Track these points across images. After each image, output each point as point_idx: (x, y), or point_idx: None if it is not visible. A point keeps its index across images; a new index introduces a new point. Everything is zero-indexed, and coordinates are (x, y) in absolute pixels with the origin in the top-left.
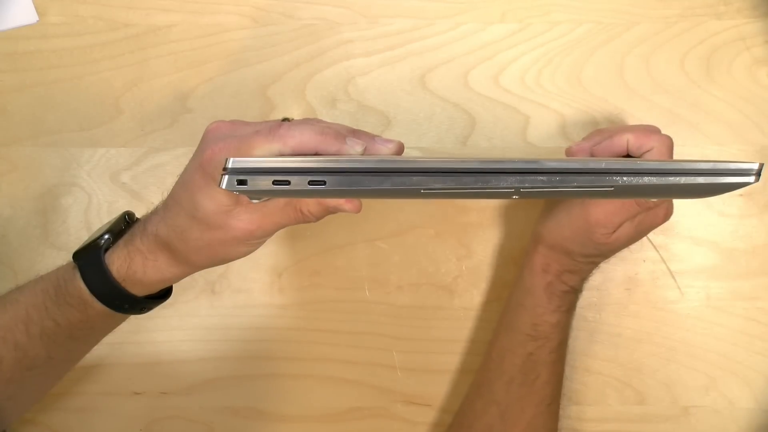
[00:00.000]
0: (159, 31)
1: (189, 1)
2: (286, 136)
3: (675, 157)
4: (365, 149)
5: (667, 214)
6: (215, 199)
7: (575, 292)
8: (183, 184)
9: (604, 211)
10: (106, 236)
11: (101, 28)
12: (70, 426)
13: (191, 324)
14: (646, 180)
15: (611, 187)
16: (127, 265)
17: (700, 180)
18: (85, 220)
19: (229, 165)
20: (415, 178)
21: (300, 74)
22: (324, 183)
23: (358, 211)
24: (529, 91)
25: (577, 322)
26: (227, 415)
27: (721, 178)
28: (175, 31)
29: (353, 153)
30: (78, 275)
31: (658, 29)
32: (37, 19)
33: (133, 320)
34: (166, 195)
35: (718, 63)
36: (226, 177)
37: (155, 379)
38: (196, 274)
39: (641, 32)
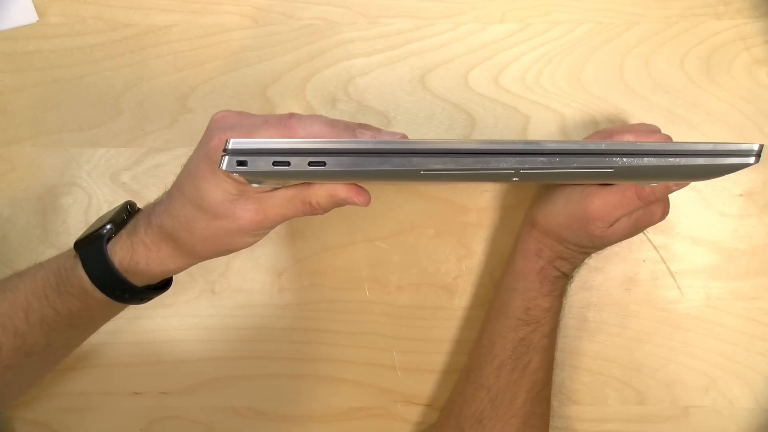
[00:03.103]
0: (159, 31)
1: (189, 1)
2: (296, 127)
3: None
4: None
5: (664, 213)
6: (221, 187)
7: (567, 277)
8: (188, 173)
9: (604, 204)
10: (108, 226)
11: (101, 28)
12: (70, 426)
13: (191, 324)
14: (646, 161)
15: (611, 168)
16: (130, 255)
17: (700, 161)
18: (85, 220)
19: (229, 146)
20: (415, 159)
21: (300, 74)
22: (324, 164)
23: (368, 203)
24: (529, 91)
25: (577, 322)
26: (227, 415)
27: (721, 159)
28: (175, 31)
29: None
30: (79, 264)
31: (658, 29)
32: (37, 19)
33: (133, 320)
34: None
35: (718, 63)
36: (226, 158)
37: (155, 379)
38: (196, 274)
39: (641, 32)
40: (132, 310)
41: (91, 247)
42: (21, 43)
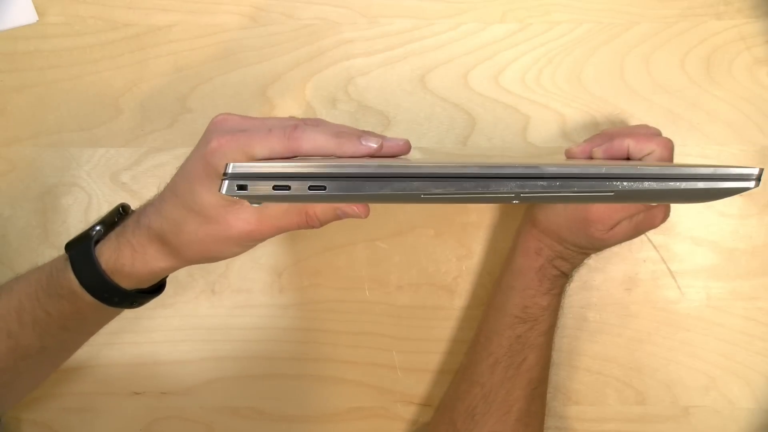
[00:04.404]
0: (159, 31)
1: (189, 1)
2: (301, 140)
3: (675, 158)
4: (381, 146)
5: (665, 216)
6: (215, 192)
7: (566, 276)
8: (183, 174)
9: (605, 207)
10: (98, 227)
11: (101, 28)
12: (70, 426)
13: (191, 324)
14: (647, 185)
15: (611, 192)
16: (116, 257)
17: (701, 185)
18: (85, 220)
19: (229, 170)
20: (416, 184)
21: (300, 74)
22: (324, 188)
23: (367, 215)
24: (529, 91)
25: (577, 322)
26: (227, 415)
27: (722, 183)
28: (175, 31)
29: (371, 150)
30: (69, 266)
31: (658, 29)
32: (37, 19)
33: (134, 320)
34: None
35: (718, 63)
36: (226, 182)
37: (155, 379)
38: (196, 274)
39: (641, 32)
40: (132, 310)
41: (80, 249)
42: (21, 43)
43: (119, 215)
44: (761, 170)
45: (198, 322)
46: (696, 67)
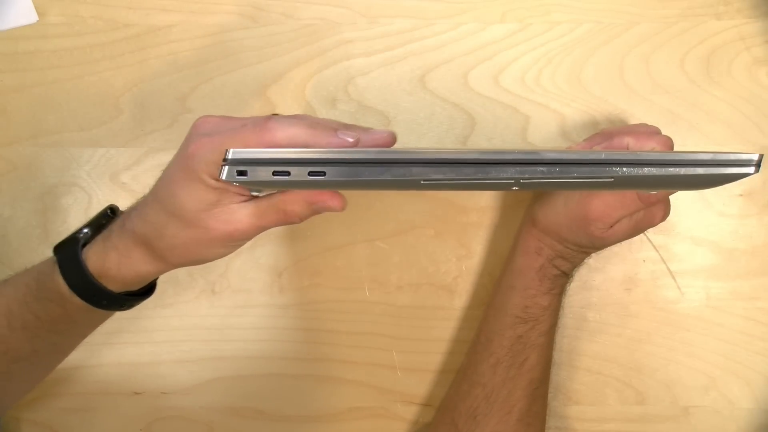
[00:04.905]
0: (159, 31)
1: (189, 1)
2: (274, 130)
3: None
4: (358, 140)
5: (665, 214)
6: (195, 196)
7: (566, 276)
8: (164, 179)
9: (604, 205)
10: (85, 230)
11: (101, 28)
12: (70, 426)
13: (191, 324)
14: (646, 171)
15: (611, 177)
16: (102, 260)
17: (700, 171)
18: (85, 220)
19: (229, 156)
20: (415, 169)
21: (300, 74)
22: (324, 174)
23: (343, 208)
24: (529, 91)
25: (577, 322)
26: (227, 415)
27: (721, 168)
28: (175, 31)
29: (346, 144)
30: (57, 270)
31: (658, 29)
32: (37, 19)
33: (134, 321)
34: None
35: (718, 63)
36: (226, 168)
37: (155, 379)
38: (196, 274)
39: (641, 32)
40: (132, 311)
41: (67, 252)
42: (21, 43)
43: (107, 217)
44: (761, 156)
45: (198, 322)
46: (696, 67)
